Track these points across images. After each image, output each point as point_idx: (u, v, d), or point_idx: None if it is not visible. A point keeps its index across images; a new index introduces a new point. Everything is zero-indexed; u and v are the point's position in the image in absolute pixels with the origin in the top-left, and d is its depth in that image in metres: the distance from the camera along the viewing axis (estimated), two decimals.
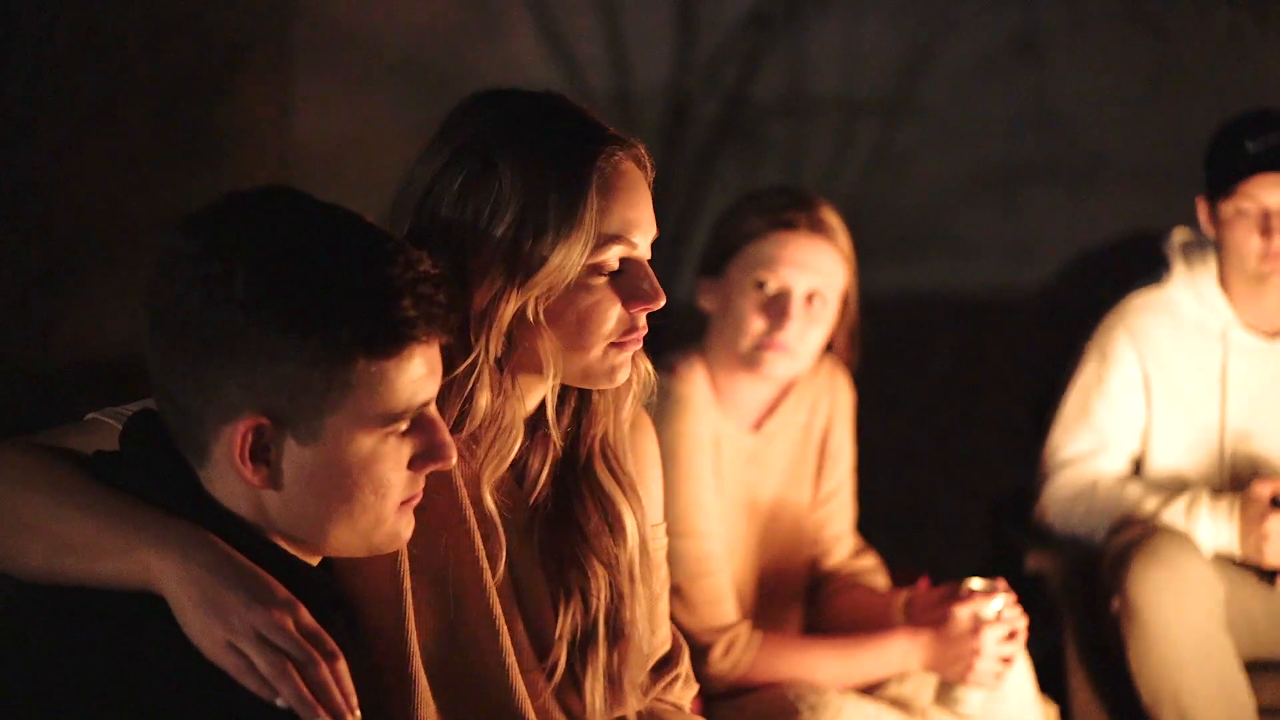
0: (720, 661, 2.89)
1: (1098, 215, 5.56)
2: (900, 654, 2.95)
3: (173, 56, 5.39)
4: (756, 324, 2.97)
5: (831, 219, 3.02)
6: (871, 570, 3.21)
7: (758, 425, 3.11)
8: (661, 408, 2.92)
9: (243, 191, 1.67)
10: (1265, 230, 3.36)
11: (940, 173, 6.54)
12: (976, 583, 2.96)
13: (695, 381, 3.02)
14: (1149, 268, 3.63)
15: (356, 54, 6.05)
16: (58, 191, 5.19)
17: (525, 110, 1.94)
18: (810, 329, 2.98)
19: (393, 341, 1.63)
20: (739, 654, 2.90)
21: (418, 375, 1.66)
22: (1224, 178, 3.38)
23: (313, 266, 1.61)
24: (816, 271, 2.97)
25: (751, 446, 3.09)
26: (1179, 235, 3.57)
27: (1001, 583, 2.97)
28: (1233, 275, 3.47)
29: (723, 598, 2.92)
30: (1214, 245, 3.49)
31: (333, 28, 6.01)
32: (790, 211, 2.99)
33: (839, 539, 3.21)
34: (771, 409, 3.12)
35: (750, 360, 2.98)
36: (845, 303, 3.06)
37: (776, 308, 2.96)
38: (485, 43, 6.44)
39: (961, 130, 6.46)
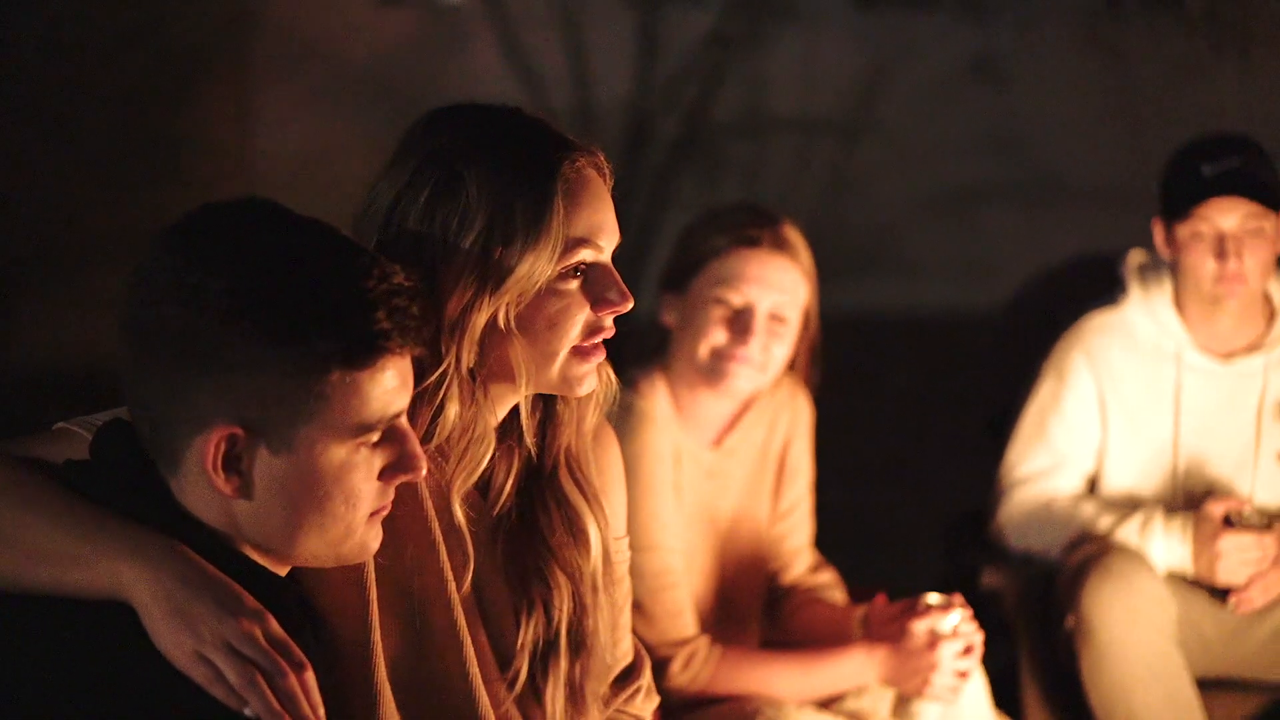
0: (680, 675, 2.91)
1: (1054, 235, 5.60)
2: (857, 668, 2.97)
3: (132, 68, 5.39)
4: (719, 337, 2.98)
5: (794, 236, 3.04)
6: (829, 585, 3.23)
7: (718, 441, 3.12)
8: (623, 423, 2.92)
9: (220, 203, 1.68)
10: (1220, 253, 3.39)
11: (898, 192, 6.59)
12: (933, 598, 2.98)
13: (657, 397, 3.03)
14: (1105, 288, 3.65)
15: (317, 66, 6.06)
16: (16, 201, 5.17)
17: (487, 122, 1.96)
18: (773, 345, 3.00)
19: (367, 353, 1.64)
20: (698, 668, 2.92)
21: (390, 387, 1.67)
22: (1180, 201, 3.41)
23: (290, 278, 1.62)
24: (779, 289, 2.99)
25: (711, 462, 3.10)
26: (1135, 257, 3.60)
27: (958, 598, 2.99)
28: (1188, 297, 3.50)
29: (682, 611, 2.94)
30: (1170, 267, 3.52)
31: (294, 40, 6.02)
32: (753, 228, 3.01)
33: (797, 554, 3.23)
34: (731, 425, 3.14)
35: (713, 373, 3.00)
36: (807, 320, 3.08)
37: (740, 324, 2.97)
38: (447, 57, 6.46)
39: (919, 151, 6.51)
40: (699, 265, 3.02)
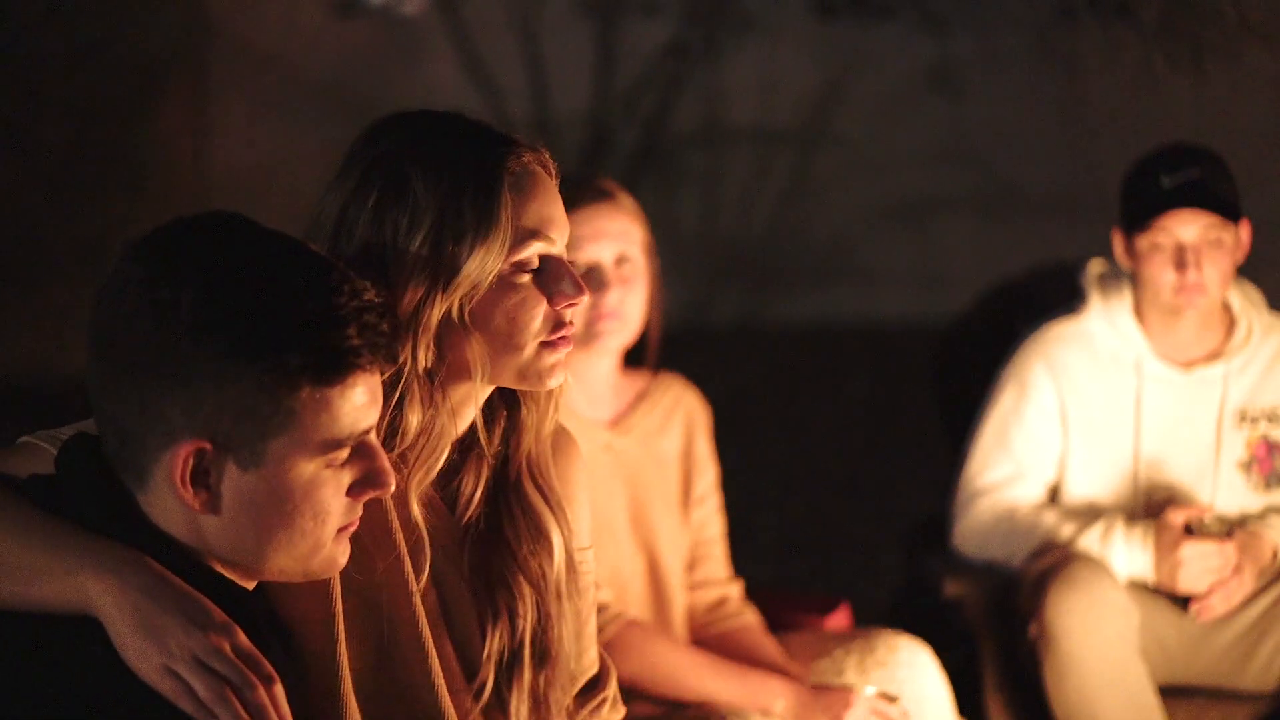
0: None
1: (1010, 245, 5.63)
2: (771, 692, 2.99)
3: (88, 80, 5.37)
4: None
5: (609, 185, 3.09)
6: (740, 614, 3.21)
7: (614, 423, 3.14)
8: None
9: (190, 216, 1.68)
10: (1180, 264, 3.41)
11: (855, 202, 6.61)
12: (870, 690, 2.99)
13: None
14: (1062, 297, 3.67)
15: (275, 78, 6.05)
16: None
17: (429, 124, 1.96)
18: (629, 292, 3.04)
19: (337, 369, 1.64)
20: (608, 619, 2.93)
21: (360, 403, 1.67)
22: (1140, 212, 3.42)
23: (260, 293, 1.62)
24: (616, 236, 3.03)
25: (608, 438, 3.11)
26: (1095, 267, 3.62)
27: (897, 700, 3.00)
28: (1147, 307, 3.52)
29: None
30: (1129, 277, 3.54)
31: (251, 52, 6.01)
32: (570, 193, 3.04)
33: (713, 544, 3.22)
34: (627, 411, 3.15)
35: (587, 337, 3.03)
36: (648, 255, 3.11)
37: (593, 282, 3.00)
38: (406, 68, 6.47)
39: (876, 161, 6.54)
40: None
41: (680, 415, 3.21)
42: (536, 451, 2.06)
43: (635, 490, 3.13)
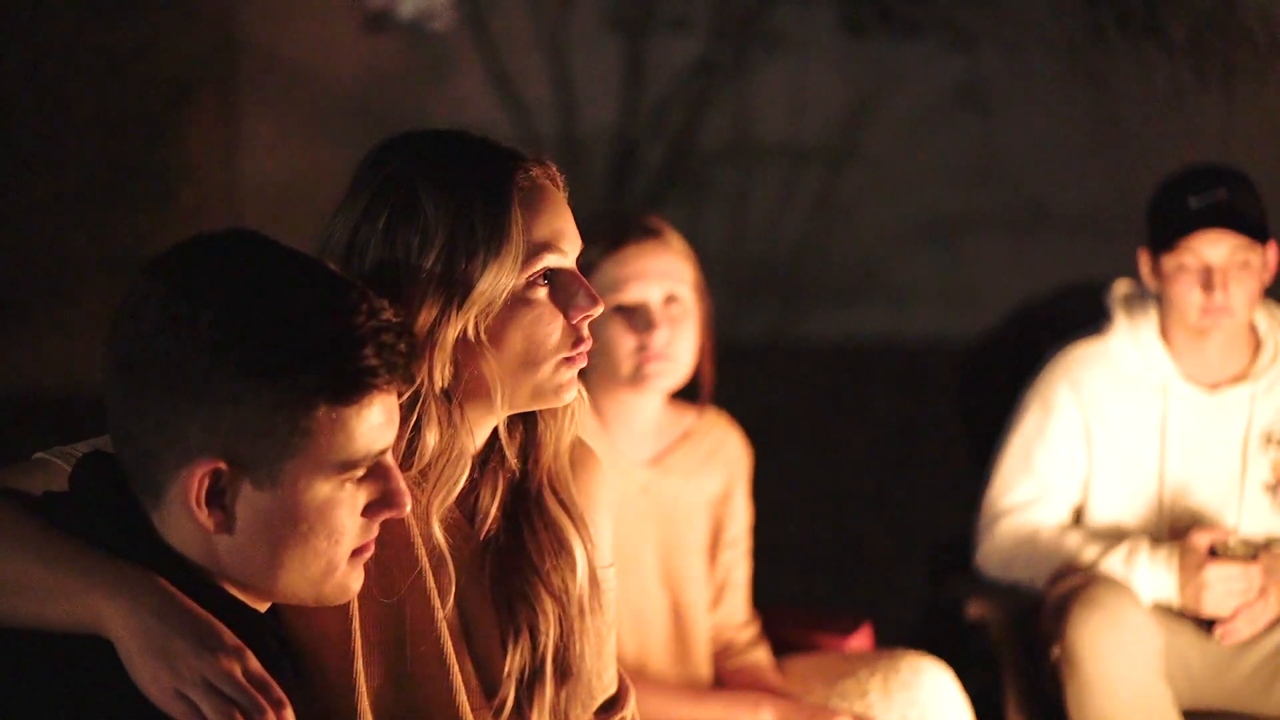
0: None
1: (1038, 263, 5.62)
2: (755, 705, 2.98)
3: (118, 94, 5.39)
4: (628, 343, 2.99)
5: (658, 224, 3.07)
6: (745, 653, 3.20)
7: (655, 461, 3.12)
8: None
9: (209, 234, 1.68)
10: (1207, 285, 3.39)
11: (883, 220, 6.60)
12: None
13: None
14: (1089, 317, 3.66)
15: (304, 94, 6.07)
16: (0, 227, 5.16)
17: (435, 143, 1.97)
18: (678, 332, 3.01)
19: (354, 389, 1.64)
20: None
21: (376, 423, 1.67)
22: (1167, 233, 3.41)
23: (279, 311, 1.62)
24: (664, 275, 3.01)
25: (646, 479, 3.09)
26: (1121, 287, 3.61)
27: None
28: (1174, 328, 3.50)
29: None
30: (1155, 297, 3.52)
31: (281, 68, 6.02)
32: (618, 231, 3.03)
33: (735, 587, 3.21)
34: (669, 450, 3.13)
35: (634, 380, 3.01)
36: (699, 295, 3.09)
37: (641, 321, 2.99)
38: (433, 84, 6.48)
39: (904, 179, 6.53)
40: None
41: (722, 459, 3.18)
42: (556, 466, 2.06)
43: (666, 532, 3.11)
